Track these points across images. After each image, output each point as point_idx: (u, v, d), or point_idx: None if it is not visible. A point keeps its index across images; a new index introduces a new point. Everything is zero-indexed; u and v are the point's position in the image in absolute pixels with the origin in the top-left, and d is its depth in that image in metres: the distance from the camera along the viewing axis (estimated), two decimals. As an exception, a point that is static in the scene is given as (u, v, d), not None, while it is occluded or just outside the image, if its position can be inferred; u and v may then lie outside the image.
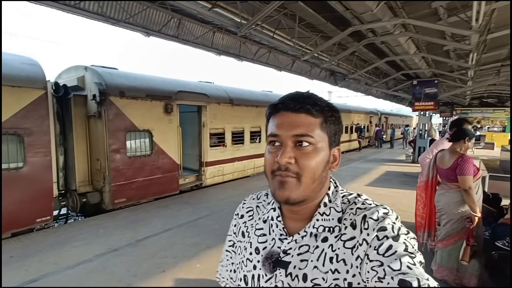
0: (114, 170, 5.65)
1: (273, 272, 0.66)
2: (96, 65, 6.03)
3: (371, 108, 21.76)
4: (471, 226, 2.67)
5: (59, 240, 4.30)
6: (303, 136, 0.62)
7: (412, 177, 8.81)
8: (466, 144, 2.81)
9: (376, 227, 0.60)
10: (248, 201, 0.84)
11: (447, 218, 2.89)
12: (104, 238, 4.36)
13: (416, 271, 0.51)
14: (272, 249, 0.69)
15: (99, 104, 5.53)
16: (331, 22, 6.69)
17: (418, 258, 0.55)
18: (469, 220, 2.70)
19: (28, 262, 3.61)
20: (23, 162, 4.44)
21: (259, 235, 0.74)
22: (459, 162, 2.72)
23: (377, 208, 0.64)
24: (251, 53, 8.84)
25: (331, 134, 0.66)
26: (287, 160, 0.61)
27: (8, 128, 4.27)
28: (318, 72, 11.99)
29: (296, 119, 0.63)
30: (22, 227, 4.51)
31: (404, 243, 0.56)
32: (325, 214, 0.67)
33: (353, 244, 0.61)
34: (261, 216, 0.77)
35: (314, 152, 0.63)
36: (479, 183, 2.87)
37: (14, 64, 4.51)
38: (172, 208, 5.85)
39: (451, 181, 2.84)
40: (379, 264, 0.55)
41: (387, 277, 0.52)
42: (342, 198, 0.70)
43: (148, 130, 6.22)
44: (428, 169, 3.16)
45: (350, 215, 0.65)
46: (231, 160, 8.44)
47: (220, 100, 7.98)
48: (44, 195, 4.71)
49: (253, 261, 0.72)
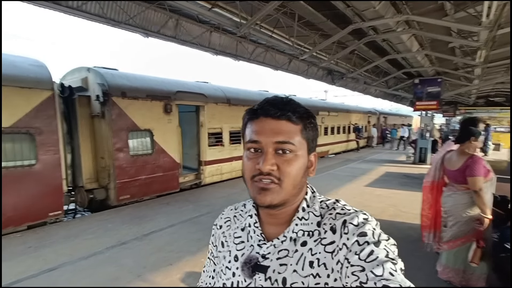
0: (118, 168, 5.87)
1: (252, 276, 0.67)
2: (98, 67, 6.22)
3: (370, 108, 21.65)
4: (482, 228, 2.56)
5: (71, 233, 4.57)
6: (285, 143, 0.62)
7: (413, 178, 8.71)
8: (474, 144, 2.67)
9: (357, 232, 0.60)
10: (226, 212, 0.85)
11: (454, 220, 2.81)
12: (113, 232, 4.59)
13: (398, 277, 0.52)
14: (251, 254, 0.69)
15: (102, 104, 5.74)
16: (331, 20, 6.61)
17: (399, 264, 0.55)
18: (479, 222, 2.58)
19: (45, 252, 3.89)
20: (35, 160, 4.69)
21: (237, 243, 0.75)
22: (468, 163, 2.60)
23: (357, 213, 0.64)
24: (247, 53, 8.88)
25: (309, 140, 0.67)
26: (269, 168, 0.62)
27: (21, 128, 4.51)
28: (315, 71, 11.92)
29: (277, 126, 0.63)
30: (37, 220, 4.80)
31: (385, 249, 0.57)
32: (303, 219, 0.67)
33: (333, 248, 0.62)
34: (239, 225, 0.78)
35: (294, 159, 0.64)
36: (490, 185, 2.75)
37: (23, 66, 4.72)
38: (174, 205, 6.05)
39: (459, 182, 2.74)
40: (360, 269, 0.55)
41: (370, 282, 0.52)
42: (320, 203, 0.70)
43: (149, 129, 6.42)
44: (435, 169, 3.06)
45: (329, 219, 0.66)
46: (229, 159, 8.60)
47: (218, 100, 8.14)
48: (55, 191, 4.98)
49: (231, 269, 0.72)
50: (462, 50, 8.06)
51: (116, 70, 6.51)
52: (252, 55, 9.07)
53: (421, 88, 11.13)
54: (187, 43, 7.34)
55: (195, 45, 7.54)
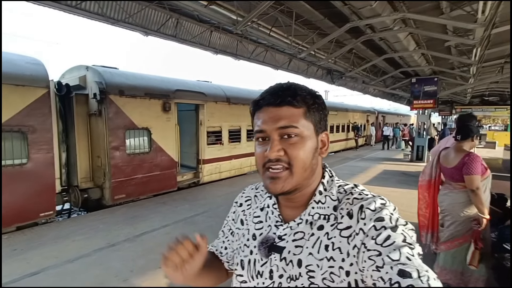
0: (114, 167, 5.83)
1: (268, 256, 0.68)
2: (97, 65, 6.19)
3: (368, 107, 21.78)
4: (480, 229, 2.47)
5: (61, 234, 4.46)
6: (288, 128, 0.63)
7: (410, 176, 8.78)
8: (473, 142, 2.67)
9: (374, 217, 0.60)
10: (247, 191, 0.87)
11: (451, 219, 2.73)
12: (104, 233, 4.49)
13: (415, 262, 0.52)
14: (268, 235, 0.71)
15: (100, 103, 5.70)
16: (328, 18, 6.63)
17: (417, 249, 0.55)
18: (477, 223, 2.49)
19: (31, 255, 3.74)
20: (27, 159, 4.61)
21: (256, 222, 0.77)
22: (465, 160, 2.53)
23: (374, 198, 0.64)
24: (248, 52, 8.91)
25: (316, 121, 0.68)
26: (276, 154, 0.63)
27: (13, 126, 4.44)
28: (315, 71, 12.01)
29: (278, 112, 0.64)
30: (27, 221, 4.70)
31: (402, 234, 0.57)
32: (320, 202, 0.68)
33: (350, 233, 0.62)
34: (259, 205, 0.80)
35: (301, 142, 0.64)
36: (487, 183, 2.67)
37: (19, 63, 4.68)
38: (170, 205, 6.01)
39: (456, 180, 2.67)
40: (377, 254, 0.55)
41: (386, 266, 0.52)
42: (338, 188, 0.71)
43: (147, 128, 6.39)
44: (431, 167, 2.99)
45: (346, 204, 0.66)
46: (228, 158, 8.59)
47: (217, 99, 8.13)
48: (47, 190, 4.89)
49: (249, 247, 0.74)
50: (458, 49, 8.15)
51: (116, 69, 6.48)
52: (252, 55, 9.11)
53: (418, 87, 11.27)
54: (187, 42, 7.37)
55: (195, 44, 7.57)
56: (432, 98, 11.07)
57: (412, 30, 6.58)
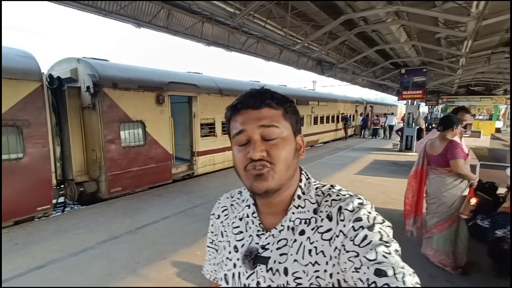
0: (110, 160, 5.82)
1: (254, 268, 0.67)
2: (87, 57, 6.07)
3: (357, 97, 21.99)
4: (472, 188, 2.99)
5: (61, 228, 4.47)
6: (269, 127, 0.63)
7: (401, 165, 9.03)
8: (454, 131, 3.00)
9: (352, 217, 0.60)
10: (222, 200, 0.85)
11: (438, 201, 3.03)
12: (105, 226, 4.51)
13: (391, 259, 0.52)
14: (251, 246, 0.69)
15: (93, 96, 5.62)
16: (323, 10, 6.68)
17: (393, 246, 0.55)
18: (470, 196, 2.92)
19: (34, 249, 3.75)
20: (23, 153, 4.57)
21: (236, 233, 0.75)
22: (448, 147, 2.89)
23: (352, 198, 0.65)
24: (239, 43, 8.87)
25: (293, 123, 0.68)
26: (260, 154, 0.62)
27: (8, 120, 4.38)
28: (305, 62, 12.04)
29: (259, 114, 0.64)
30: (24, 215, 4.68)
31: (379, 232, 0.57)
32: (300, 207, 0.68)
33: (330, 235, 0.62)
34: (236, 214, 0.78)
35: (282, 142, 0.64)
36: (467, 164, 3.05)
37: (10, 56, 4.56)
38: (167, 197, 6.06)
39: (442, 166, 2.99)
40: (355, 255, 0.56)
41: (363, 267, 0.53)
42: (316, 190, 0.71)
43: (141, 121, 6.36)
44: (419, 157, 3.27)
45: (325, 207, 0.66)
46: (222, 149, 8.62)
47: (210, 91, 8.11)
48: (43, 184, 4.87)
49: (232, 260, 0.72)
50: (448, 41, 8.28)
51: (107, 61, 6.38)
52: (244, 46, 9.07)
53: (407, 78, 11.47)
54: (179, 33, 7.28)
55: (187, 36, 7.49)
56: (421, 88, 11.30)
57: (405, 22, 6.69)
